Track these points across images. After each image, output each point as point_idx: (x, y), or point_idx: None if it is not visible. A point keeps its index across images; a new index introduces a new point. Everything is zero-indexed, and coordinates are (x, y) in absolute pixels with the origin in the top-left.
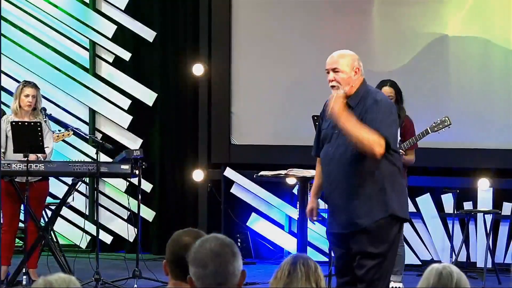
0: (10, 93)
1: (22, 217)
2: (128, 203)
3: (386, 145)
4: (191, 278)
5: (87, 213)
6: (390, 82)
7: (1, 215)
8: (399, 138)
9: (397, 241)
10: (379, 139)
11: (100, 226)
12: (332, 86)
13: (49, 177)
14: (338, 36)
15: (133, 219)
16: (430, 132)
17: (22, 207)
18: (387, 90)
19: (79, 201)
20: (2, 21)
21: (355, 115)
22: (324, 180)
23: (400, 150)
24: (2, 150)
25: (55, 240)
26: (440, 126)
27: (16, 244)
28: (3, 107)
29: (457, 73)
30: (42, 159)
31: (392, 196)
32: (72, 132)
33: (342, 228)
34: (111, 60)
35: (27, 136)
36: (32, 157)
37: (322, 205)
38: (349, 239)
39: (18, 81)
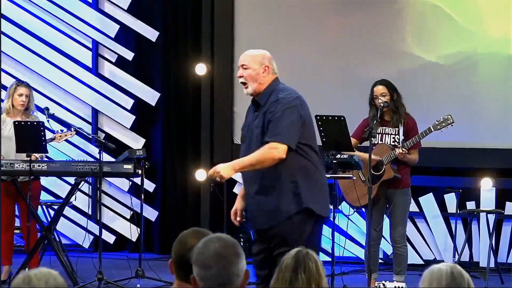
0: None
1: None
2: (131, 202)
3: (288, 145)
4: (195, 278)
5: (90, 213)
6: (381, 80)
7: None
8: (402, 137)
9: (315, 238)
10: (271, 146)
11: (103, 226)
12: (242, 83)
13: (48, 176)
14: (340, 38)
15: (136, 218)
16: (432, 130)
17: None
18: (379, 88)
19: (82, 201)
20: (3, 20)
21: (263, 113)
22: (242, 177)
23: (403, 149)
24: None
25: (57, 239)
26: (443, 124)
27: (18, 244)
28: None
29: (460, 73)
30: (39, 159)
31: (305, 190)
32: (75, 132)
33: (259, 224)
34: (114, 60)
35: (30, 136)
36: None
37: None
38: (267, 235)
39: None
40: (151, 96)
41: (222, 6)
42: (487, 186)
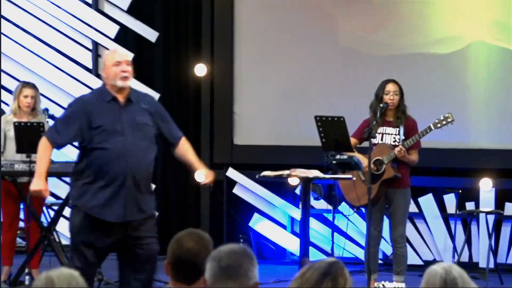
0: (12, 93)
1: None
2: None
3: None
4: (205, 280)
5: None
6: (393, 80)
7: (1, 215)
8: (402, 137)
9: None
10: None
11: None
12: (126, 77)
13: (48, 177)
14: (340, 38)
15: None
16: (433, 128)
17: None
18: (393, 85)
19: None
20: (3, 20)
21: (143, 109)
22: (115, 168)
23: (402, 148)
24: (1, 150)
25: (57, 240)
26: (444, 122)
27: (18, 244)
28: (3, 106)
29: (459, 73)
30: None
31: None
32: None
33: (126, 217)
34: None
35: (30, 137)
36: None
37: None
38: (127, 228)
39: (20, 82)
40: None
41: (222, 7)
42: (486, 187)
